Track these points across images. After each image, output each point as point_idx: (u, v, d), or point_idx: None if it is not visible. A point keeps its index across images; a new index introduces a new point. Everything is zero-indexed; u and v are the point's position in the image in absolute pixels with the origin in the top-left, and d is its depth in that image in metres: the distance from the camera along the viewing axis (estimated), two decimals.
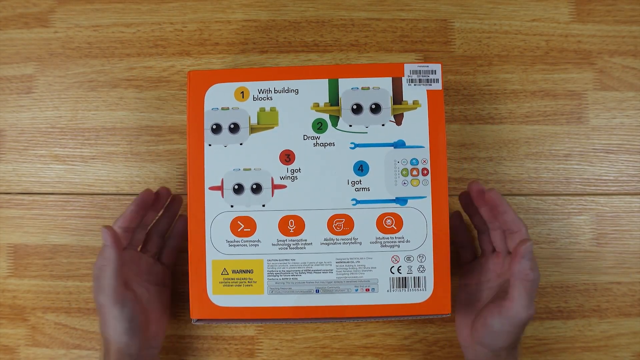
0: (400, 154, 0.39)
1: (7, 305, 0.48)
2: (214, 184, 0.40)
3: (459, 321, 0.42)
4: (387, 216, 0.39)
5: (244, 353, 0.47)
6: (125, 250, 0.41)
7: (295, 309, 0.39)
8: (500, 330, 0.37)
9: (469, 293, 0.42)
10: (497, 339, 0.38)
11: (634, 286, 0.47)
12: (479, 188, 0.40)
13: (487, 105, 0.48)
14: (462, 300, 0.43)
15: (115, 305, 0.38)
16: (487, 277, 0.42)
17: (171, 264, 0.45)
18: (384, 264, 0.39)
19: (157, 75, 0.49)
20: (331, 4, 0.49)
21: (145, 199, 0.41)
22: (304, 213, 0.39)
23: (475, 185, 0.40)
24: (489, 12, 0.49)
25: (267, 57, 0.49)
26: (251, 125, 0.40)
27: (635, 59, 0.48)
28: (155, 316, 0.42)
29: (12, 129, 0.49)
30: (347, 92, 0.40)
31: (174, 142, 0.48)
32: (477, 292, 0.42)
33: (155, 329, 0.42)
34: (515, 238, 0.38)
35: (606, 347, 0.47)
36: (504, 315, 0.36)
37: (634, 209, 0.48)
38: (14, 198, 0.49)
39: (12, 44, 0.50)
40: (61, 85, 0.49)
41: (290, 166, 0.39)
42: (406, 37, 0.49)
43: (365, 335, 0.47)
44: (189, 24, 0.49)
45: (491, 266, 0.42)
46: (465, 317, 0.42)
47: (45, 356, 0.48)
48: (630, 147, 0.48)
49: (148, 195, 0.41)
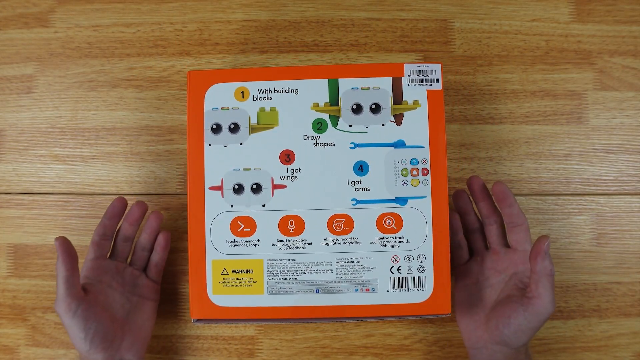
0: (400, 154, 0.39)
1: (7, 305, 0.48)
2: (214, 184, 0.40)
3: (465, 323, 0.42)
4: (387, 216, 0.39)
5: (244, 353, 0.47)
6: (106, 260, 0.42)
7: (295, 309, 0.39)
8: (526, 328, 0.37)
9: (470, 293, 0.42)
10: (522, 336, 0.38)
11: (634, 286, 0.47)
12: (481, 182, 0.41)
13: (487, 105, 0.48)
14: (464, 301, 0.42)
15: (66, 313, 0.38)
16: (485, 276, 0.42)
17: (158, 279, 0.45)
18: (384, 264, 0.39)
19: (157, 75, 0.49)
20: (331, 4, 0.49)
21: (114, 209, 0.42)
22: (304, 213, 0.39)
23: (477, 180, 0.41)
24: (489, 12, 0.49)
25: (267, 57, 0.49)
26: (251, 125, 0.40)
27: (635, 59, 0.48)
28: (134, 327, 0.42)
29: (12, 129, 0.49)
30: (347, 92, 0.40)
31: (174, 142, 0.48)
32: (478, 291, 0.42)
33: (132, 340, 0.41)
34: (519, 231, 0.40)
35: (606, 347, 0.47)
36: (531, 312, 0.37)
37: (634, 209, 0.48)
38: (14, 198, 0.49)
39: (12, 44, 0.50)
40: (61, 85, 0.49)
41: (290, 166, 0.39)
42: (406, 37, 0.49)
43: (365, 335, 0.47)
44: (189, 24, 0.49)
45: (489, 264, 0.42)
46: (472, 318, 0.41)
47: (45, 356, 0.48)
48: (630, 147, 0.48)
49: (118, 205, 0.42)
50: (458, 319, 0.43)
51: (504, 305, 0.39)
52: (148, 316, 0.43)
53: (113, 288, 0.42)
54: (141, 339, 0.42)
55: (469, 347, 0.42)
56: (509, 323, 0.38)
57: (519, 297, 0.38)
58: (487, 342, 0.40)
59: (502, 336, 0.38)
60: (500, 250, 0.41)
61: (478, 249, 0.43)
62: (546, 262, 0.36)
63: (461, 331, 0.43)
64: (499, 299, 0.40)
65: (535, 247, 0.37)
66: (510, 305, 0.38)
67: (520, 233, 0.40)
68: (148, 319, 0.43)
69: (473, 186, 0.41)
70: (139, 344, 0.42)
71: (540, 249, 0.36)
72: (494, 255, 0.42)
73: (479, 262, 0.43)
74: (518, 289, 0.39)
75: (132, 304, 0.43)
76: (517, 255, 0.40)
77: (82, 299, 0.38)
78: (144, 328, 0.43)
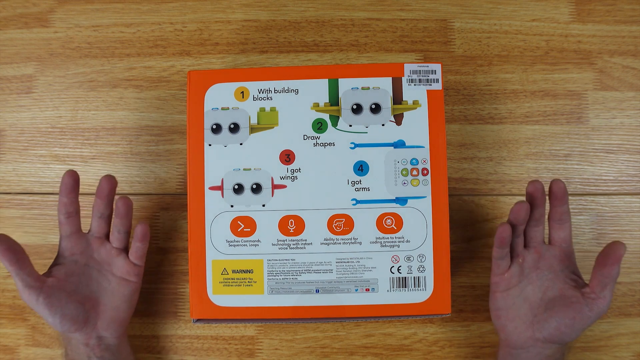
0: (400, 153, 0.39)
1: (7, 305, 0.48)
2: (214, 184, 0.40)
3: (512, 327, 0.40)
4: (387, 216, 0.39)
5: (244, 353, 0.47)
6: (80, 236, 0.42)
7: (295, 309, 0.39)
8: (586, 325, 0.38)
9: (515, 296, 0.41)
10: (578, 333, 0.39)
11: (634, 286, 0.47)
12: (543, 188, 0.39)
13: (487, 105, 0.48)
14: (510, 306, 0.41)
15: (29, 302, 0.39)
16: (525, 274, 0.41)
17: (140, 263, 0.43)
18: (384, 264, 0.39)
19: (157, 75, 0.49)
20: (331, 4, 0.49)
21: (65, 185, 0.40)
22: (304, 213, 0.39)
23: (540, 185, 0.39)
24: (489, 12, 0.49)
25: (267, 57, 0.49)
26: (251, 125, 0.40)
27: (635, 59, 0.48)
28: (110, 307, 0.42)
29: (12, 129, 0.49)
30: (347, 92, 0.40)
31: (174, 142, 0.48)
32: (522, 291, 0.41)
33: (108, 320, 0.41)
34: (565, 229, 0.40)
35: (606, 347, 0.47)
36: (594, 312, 0.38)
37: (634, 209, 0.48)
38: (14, 198, 0.49)
39: (12, 44, 0.50)
40: (61, 85, 0.49)
41: (290, 166, 0.39)
42: (406, 37, 0.49)
43: (365, 335, 0.47)
44: (189, 24, 0.49)
45: (530, 262, 0.40)
46: (520, 320, 0.40)
47: (45, 356, 0.48)
48: (630, 147, 0.48)
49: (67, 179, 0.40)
50: (502, 323, 0.41)
51: (562, 305, 0.39)
52: (127, 297, 0.42)
53: (90, 266, 0.42)
54: (119, 319, 0.42)
55: (513, 347, 0.41)
56: (570, 321, 0.38)
57: (578, 296, 0.38)
58: (537, 341, 0.40)
59: (560, 334, 0.39)
60: (540, 247, 0.41)
61: (518, 251, 0.41)
62: (618, 268, 0.37)
63: (505, 335, 0.41)
64: (549, 297, 0.40)
65: (613, 253, 0.37)
66: (571, 306, 0.38)
67: (566, 230, 0.40)
68: (126, 301, 0.42)
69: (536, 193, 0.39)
70: (116, 324, 0.42)
71: (618, 255, 0.37)
72: (536, 253, 0.41)
73: (520, 263, 0.41)
74: (572, 288, 0.39)
75: (109, 282, 0.42)
76: (562, 251, 0.40)
77: (39, 288, 0.39)
78: (122, 309, 0.42)
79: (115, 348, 0.42)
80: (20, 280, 0.38)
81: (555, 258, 0.41)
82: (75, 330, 0.40)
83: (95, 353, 0.41)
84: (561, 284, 0.40)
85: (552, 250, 0.41)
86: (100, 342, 0.41)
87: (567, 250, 0.41)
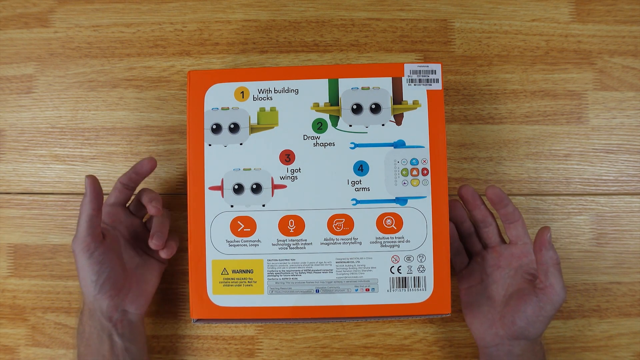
0: (400, 154, 0.39)
1: (7, 305, 0.48)
2: (214, 184, 0.40)
3: (478, 324, 0.42)
4: (387, 216, 0.39)
5: (244, 353, 0.47)
6: (123, 209, 0.43)
7: (295, 309, 0.39)
8: (542, 317, 0.38)
9: (477, 294, 0.43)
10: (540, 326, 0.39)
11: (634, 286, 0.47)
12: (472, 190, 0.42)
13: (487, 105, 0.48)
14: (472, 303, 0.43)
15: (83, 253, 0.38)
16: (488, 273, 0.42)
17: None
18: (384, 264, 0.39)
19: (157, 75, 0.49)
20: (331, 4, 0.49)
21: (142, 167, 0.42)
22: (304, 213, 0.39)
23: (467, 188, 0.42)
24: (489, 12, 0.49)
25: (267, 57, 0.49)
26: (251, 125, 0.40)
27: (635, 59, 0.48)
28: (141, 280, 0.42)
29: (12, 129, 0.49)
30: (347, 92, 0.40)
31: (174, 142, 0.48)
32: (484, 290, 0.42)
33: (137, 293, 0.42)
34: (516, 227, 0.41)
35: (606, 347, 0.47)
36: (545, 302, 0.38)
37: (634, 209, 0.48)
38: (14, 198, 0.49)
39: (12, 44, 0.50)
40: (61, 85, 0.49)
41: (290, 166, 0.39)
42: (406, 37, 0.49)
43: (365, 335, 0.47)
44: (189, 24, 0.49)
45: (490, 261, 0.42)
46: (485, 317, 0.42)
47: (45, 356, 0.48)
48: (630, 147, 0.48)
49: (147, 164, 0.42)
50: (469, 321, 0.43)
51: (517, 299, 0.39)
52: (155, 274, 0.44)
53: (125, 239, 0.43)
54: (146, 293, 0.43)
55: (484, 346, 0.42)
56: (525, 315, 0.38)
57: (530, 288, 0.39)
58: (503, 339, 0.40)
59: (519, 329, 0.39)
60: (499, 247, 0.42)
61: (477, 251, 0.44)
62: (551, 252, 0.37)
63: (474, 333, 0.43)
64: (509, 293, 0.41)
65: (538, 238, 0.38)
66: (523, 298, 0.39)
67: (518, 228, 0.41)
68: (155, 277, 0.44)
69: (466, 195, 0.42)
70: (143, 299, 0.42)
71: (544, 240, 0.37)
72: (494, 253, 0.42)
73: (479, 262, 0.43)
74: (527, 282, 0.40)
75: (141, 258, 0.43)
76: (518, 248, 0.41)
77: (100, 242, 0.39)
78: (151, 283, 0.43)
79: (136, 328, 0.42)
80: (89, 226, 0.38)
81: (514, 256, 0.41)
82: (109, 296, 0.39)
83: (117, 329, 0.40)
84: (519, 280, 0.41)
85: (510, 249, 0.42)
86: (123, 317, 0.41)
87: (525, 246, 0.41)
